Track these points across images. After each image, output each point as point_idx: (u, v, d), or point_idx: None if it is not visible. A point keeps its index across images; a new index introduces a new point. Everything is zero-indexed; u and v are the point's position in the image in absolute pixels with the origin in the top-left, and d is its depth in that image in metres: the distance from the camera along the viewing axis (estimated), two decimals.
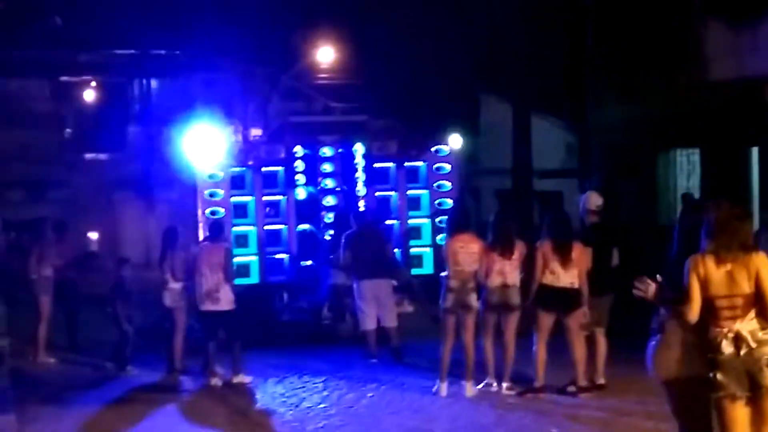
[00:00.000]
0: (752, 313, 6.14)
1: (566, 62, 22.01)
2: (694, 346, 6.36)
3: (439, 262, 13.26)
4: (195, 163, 14.36)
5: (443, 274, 10.91)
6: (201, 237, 13.45)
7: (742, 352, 6.10)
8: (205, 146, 14.28)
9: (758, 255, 6.24)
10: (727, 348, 6.12)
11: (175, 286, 12.39)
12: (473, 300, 10.69)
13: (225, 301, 11.84)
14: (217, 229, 12.44)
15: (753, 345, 6.10)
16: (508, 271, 10.69)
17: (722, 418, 6.21)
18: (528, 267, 10.66)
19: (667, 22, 19.75)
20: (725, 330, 6.14)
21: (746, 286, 6.14)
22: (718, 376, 6.13)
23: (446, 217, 12.46)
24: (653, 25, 19.78)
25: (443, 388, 10.75)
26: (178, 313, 12.43)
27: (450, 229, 11.15)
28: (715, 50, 19.16)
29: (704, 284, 6.16)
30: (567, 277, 10.33)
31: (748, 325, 6.14)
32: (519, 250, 10.77)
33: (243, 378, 11.79)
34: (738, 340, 6.12)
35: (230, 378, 11.80)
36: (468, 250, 10.69)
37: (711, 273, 6.16)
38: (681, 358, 6.45)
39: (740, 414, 6.17)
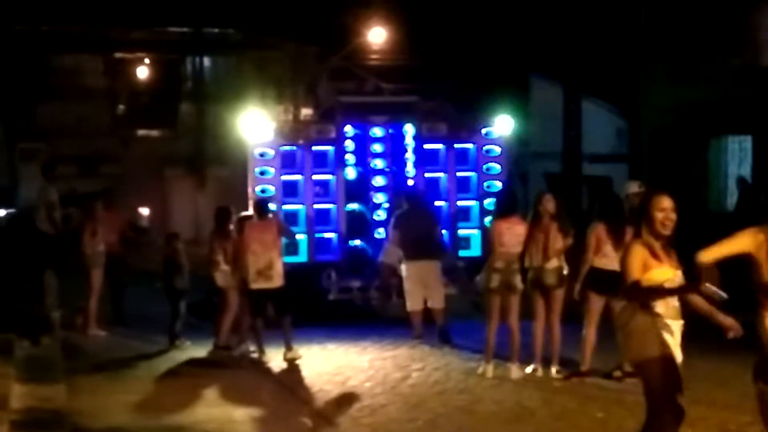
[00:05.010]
0: None
1: (618, 45, 21.87)
2: (647, 329, 6.10)
3: (487, 244, 13.26)
4: (246, 141, 14.47)
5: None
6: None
7: None
8: (256, 124, 14.40)
9: None
10: None
11: (227, 267, 12.46)
12: (518, 281, 10.72)
13: (277, 277, 11.93)
14: (264, 206, 12.48)
15: None
16: None
17: None
18: (575, 250, 10.63)
19: (721, 6, 19.57)
20: None
21: None
22: None
23: (494, 199, 12.47)
24: (707, 9, 19.60)
25: (488, 369, 10.80)
26: (230, 293, 12.51)
27: (497, 211, 11.30)
28: None
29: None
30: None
31: None
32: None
33: (295, 353, 11.88)
34: None
35: (284, 354, 11.85)
36: (513, 231, 10.74)
37: None
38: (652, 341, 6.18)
39: None
